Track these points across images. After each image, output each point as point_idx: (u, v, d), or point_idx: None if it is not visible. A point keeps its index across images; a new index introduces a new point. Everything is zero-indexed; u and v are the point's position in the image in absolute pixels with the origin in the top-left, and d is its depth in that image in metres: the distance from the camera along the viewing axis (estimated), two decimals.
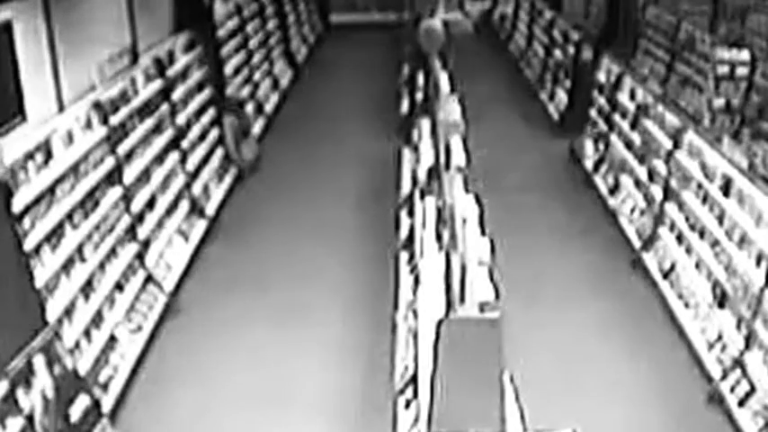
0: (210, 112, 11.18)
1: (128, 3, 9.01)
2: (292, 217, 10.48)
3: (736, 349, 6.72)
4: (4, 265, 5.28)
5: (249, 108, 13.51)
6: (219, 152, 11.37)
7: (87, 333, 6.58)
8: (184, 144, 9.82)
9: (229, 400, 6.79)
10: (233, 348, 7.55)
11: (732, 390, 6.48)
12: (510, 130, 14.36)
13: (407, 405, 5.78)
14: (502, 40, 21.69)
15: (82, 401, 5.72)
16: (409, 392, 5.85)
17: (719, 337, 7.04)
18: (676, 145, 8.62)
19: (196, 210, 9.78)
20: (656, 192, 9.07)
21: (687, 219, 8.14)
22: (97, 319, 6.81)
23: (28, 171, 6.00)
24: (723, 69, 11.41)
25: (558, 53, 15.55)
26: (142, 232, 8.06)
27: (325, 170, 12.21)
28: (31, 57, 6.56)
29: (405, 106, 13.44)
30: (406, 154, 10.69)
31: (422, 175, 7.76)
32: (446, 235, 5.36)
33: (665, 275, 8.33)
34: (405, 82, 14.15)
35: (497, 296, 4.42)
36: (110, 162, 7.49)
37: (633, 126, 10.25)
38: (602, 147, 11.49)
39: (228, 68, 12.65)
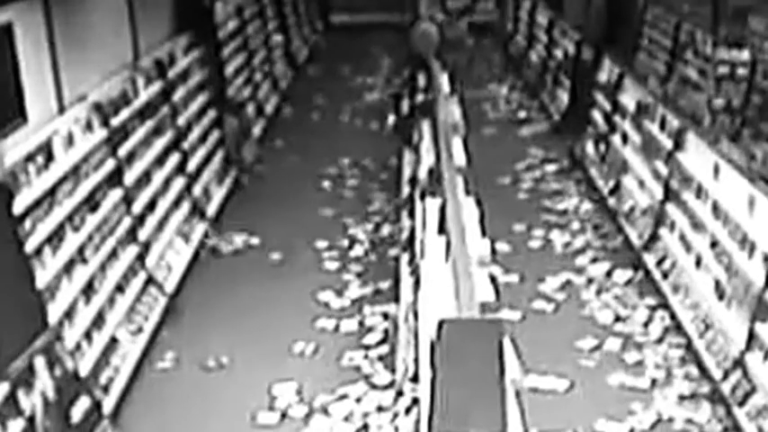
0: (211, 114, 11.19)
1: (128, 3, 9.02)
2: (293, 218, 10.47)
3: (736, 349, 6.71)
4: (5, 267, 5.28)
5: (250, 109, 13.51)
6: (220, 154, 11.37)
7: (88, 334, 6.58)
8: (185, 145, 9.83)
9: (230, 408, 6.74)
10: (231, 345, 7.55)
11: (732, 390, 6.48)
12: (510, 130, 14.34)
13: (408, 409, 5.78)
14: (502, 41, 21.65)
15: (83, 403, 5.72)
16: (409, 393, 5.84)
17: (719, 337, 7.03)
18: (677, 145, 8.62)
19: (197, 211, 9.78)
20: (657, 192, 9.07)
21: (687, 219, 8.14)
22: (98, 321, 6.81)
23: (29, 173, 6.01)
24: (723, 70, 11.40)
25: (558, 53, 15.55)
26: (143, 234, 8.06)
27: (326, 171, 12.20)
28: (32, 58, 6.56)
29: (405, 107, 13.41)
30: (407, 154, 10.68)
31: (422, 176, 7.76)
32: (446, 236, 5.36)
33: (665, 275, 8.33)
34: (404, 83, 14.07)
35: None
36: (110, 164, 7.50)
37: (634, 126, 10.25)
38: (602, 147, 11.49)
39: (229, 70, 12.65)
